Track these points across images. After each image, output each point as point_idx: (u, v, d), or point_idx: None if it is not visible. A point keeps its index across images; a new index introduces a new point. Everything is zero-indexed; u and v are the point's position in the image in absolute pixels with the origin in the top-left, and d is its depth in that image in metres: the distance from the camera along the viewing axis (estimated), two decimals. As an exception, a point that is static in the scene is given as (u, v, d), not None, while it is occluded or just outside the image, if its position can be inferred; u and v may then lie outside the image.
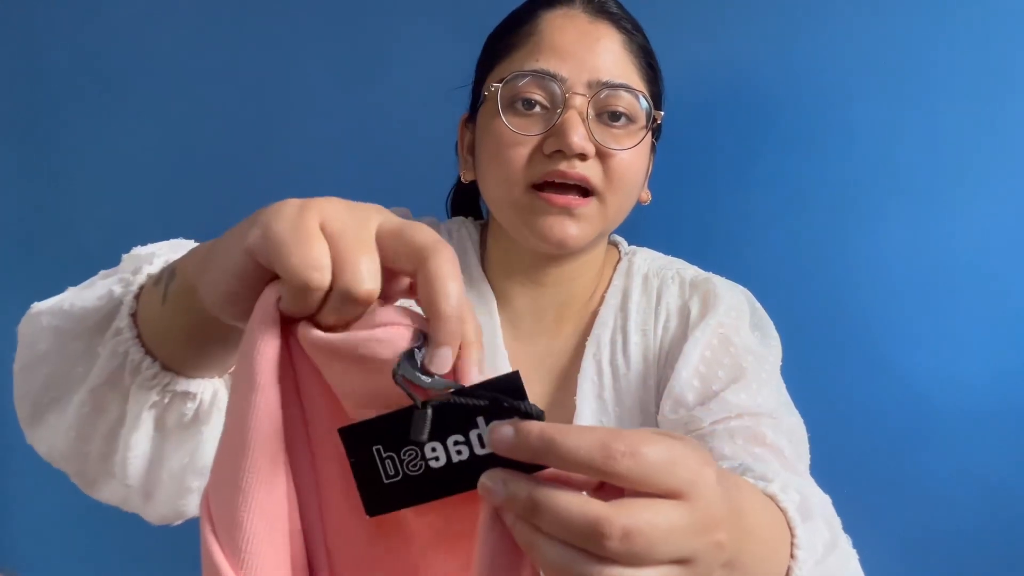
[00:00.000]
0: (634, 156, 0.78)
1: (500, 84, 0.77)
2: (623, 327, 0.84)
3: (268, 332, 0.42)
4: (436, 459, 0.41)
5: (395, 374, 0.40)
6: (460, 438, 0.40)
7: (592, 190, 0.77)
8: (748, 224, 1.09)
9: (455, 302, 0.40)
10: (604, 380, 0.83)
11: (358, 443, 0.42)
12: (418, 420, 0.40)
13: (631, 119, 0.78)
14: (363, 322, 0.42)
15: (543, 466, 0.38)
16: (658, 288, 0.86)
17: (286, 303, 0.41)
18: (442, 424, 0.40)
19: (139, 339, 0.56)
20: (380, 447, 0.41)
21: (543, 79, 0.76)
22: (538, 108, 0.76)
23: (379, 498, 0.42)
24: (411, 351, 0.40)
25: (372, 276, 0.40)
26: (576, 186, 0.76)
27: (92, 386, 0.58)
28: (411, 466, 0.41)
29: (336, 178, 1.19)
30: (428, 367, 0.40)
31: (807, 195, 1.06)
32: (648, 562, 0.37)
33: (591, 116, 0.76)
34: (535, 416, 0.39)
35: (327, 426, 0.45)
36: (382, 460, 0.42)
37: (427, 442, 0.40)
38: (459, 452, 0.40)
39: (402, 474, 0.41)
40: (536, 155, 0.76)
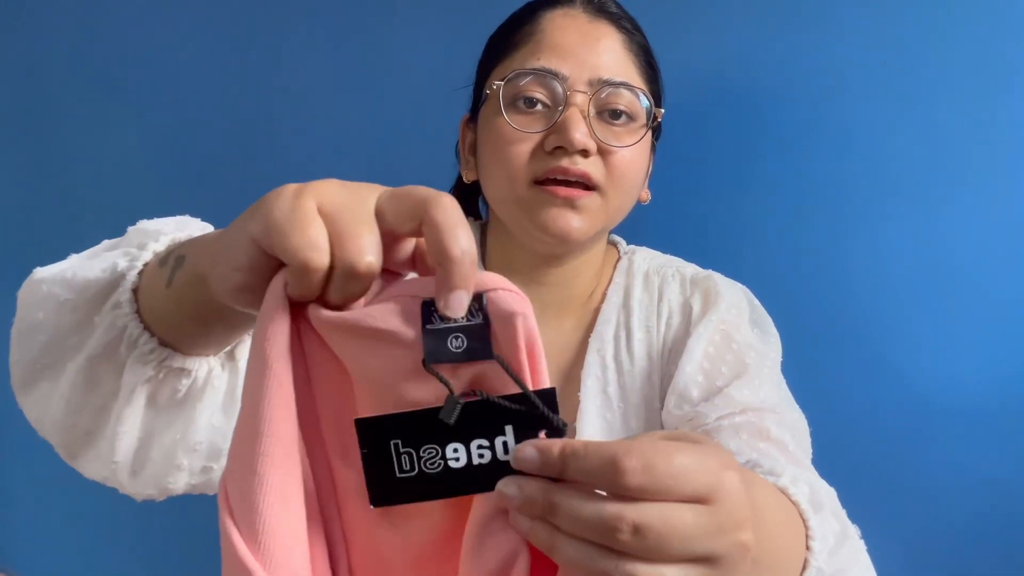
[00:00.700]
0: (635, 153, 0.79)
1: (502, 83, 0.78)
2: (626, 324, 0.85)
3: (278, 318, 0.42)
4: (456, 460, 0.41)
5: (425, 363, 0.41)
6: (485, 442, 0.41)
7: (594, 186, 0.78)
8: (747, 224, 1.09)
9: (465, 244, 0.40)
10: (608, 376, 0.83)
11: (375, 435, 0.42)
12: (449, 405, 0.41)
13: (632, 117, 0.79)
14: (371, 297, 0.42)
15: None
16: (659, 286, 0.87)
17: (291, 287, 0.42)
18: (468, 427, 0.41)
19: (138, 314, 0.56)
20: (399, 441, 0.42)
21: (544, 77, 0.77)
22: (540, 106, 0.77)
23: (388, 490, 0.43)
24: (433, 331, 0.41)
25: (371, 250, 0.41)
26: (578, 182, 0.77)
27: (87, 357, 0.57)
28: (429, 464, 0.42)
29: (336, 178, 1.19)
30: (444, 312, 0.40)
31: (806, 195, 1.06)
32: (664, 558, 0.37)
33: (592, 114, 0.77)
34: (561, 431, 0.40)
35: (340, 413, 0.45)
36: (399, 454, 0.42)
37: (451, 435, 0.41)
38: (481, 456, 0.41)
39: (418, 470, 0.42)
40: (538, 152, 0.77)
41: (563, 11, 0.80)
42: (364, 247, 0.40)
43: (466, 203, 0.97)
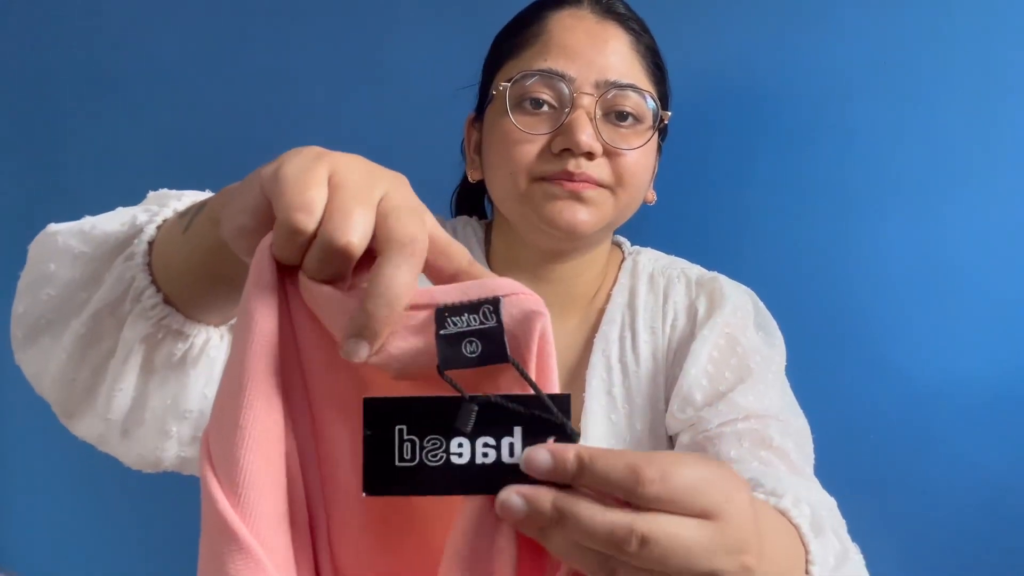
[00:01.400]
0: (641, 155, 0.79)
1: (508, 83, 0.77)
2: (632, 325, 0.84)
3: (265, 273, 0.42)
4: (460, 455, 0.40)
5: (440, 370, 0.40)
6: (491, 441, 0.40)
7: (602, 186, 0.78)
8: (748, 224, 1.09)
9: (383, 298, 0.39)
10: (613, 377, 0.83)
11: (380, 417, 0.41)
12: (465, 412, 0.40)
13: (638, 119, 0.78)
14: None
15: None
16: (664, 287, 0.87)
17: (275, 244, 0.41)
18: (477, 424, 0.40)
19: (149, 267, 0.56)
20: (404, 427, 0.41)
21: (551, 79, 0.76)
22: (546, 107, 0.77)
23: (384, 479, 0.41)
24: (446, 336, 0.40)
25: (359, 232, 0.40)
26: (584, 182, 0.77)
27: (93, 311, 0.57)
28: (431, 455, 0.41)
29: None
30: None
31: (807, 195, 1.06)
32: (667, 571, 0.38)
33: (598, 116, 0.76)
34: (574, 438, 0.40)
35: (324, 378, 0.45)
36: (402, 441, 0.41)
37: (469, 436, 0.40)
38: (485, 455, 0.40)
39: (419, 461, 0.41)
40: (544, 154, 0.77)
41: (570, 11, 0.80)
42: (352, 226, 0.40)
43: (471, 202, 0.97)
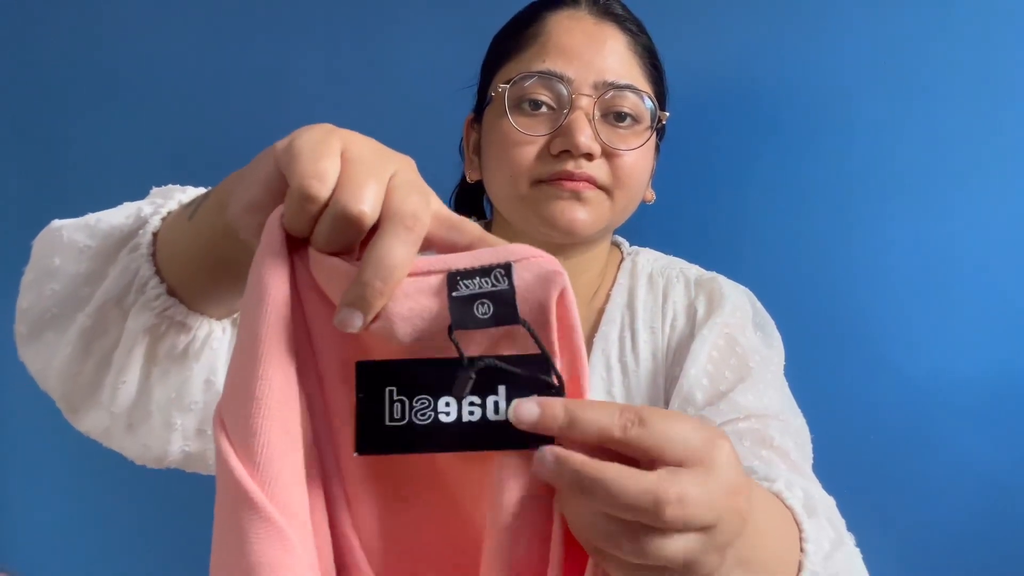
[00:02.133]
0: (639, 156, 0.79)
1: (507, 85, 0.78)
2: (631, 325, 0.85)
3: (275, 244, 0.43)
4: (447, 414, 0.41)
5: (450, 330, 0.41)
6: (476, 400, 0.41)
7: (599, 188, 0.78)
8: (748, 224, 1.09)
9: (379, 269, 0.40)
10: (613, 376, 0.83)
11: (371, 380, 0.42)
12: (462, 377, 0.41)
13: (636, 119, 0.79)
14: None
15: (549, 439, 0.40)
16: (664, 287, 0.87)
17: (286, 214, 0.42)
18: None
19: (153, 258, 0.57)
20: (394, 389, 0.42)
21: (550, 80, 0.76)
22: (544, 108, 0.77)
23: (375, 438, 0.42)
24: (459, 299, 0.41)
25: (371, 201, 0.41)
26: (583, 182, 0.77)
27: (98, 303, 0.57)
28: (420, 415, 0.42)
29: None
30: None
31: (807, 194, 1.06)
32: (689, 528, 0.37)
33: (597, 116, 0.77)
34: (559, 392, 0.40)
35: (332, 350, 0.45)
36: (391, 402, 0.42)
37: (445, 389, 0.41)
38: (471, 413, 0.41)
39: (408, 420, 0.42)
40: (543, 155, 0.77)
41: (568, 13, 0.80)
42: (364, 196, 0.41)
43: (470, 202, 0.97)
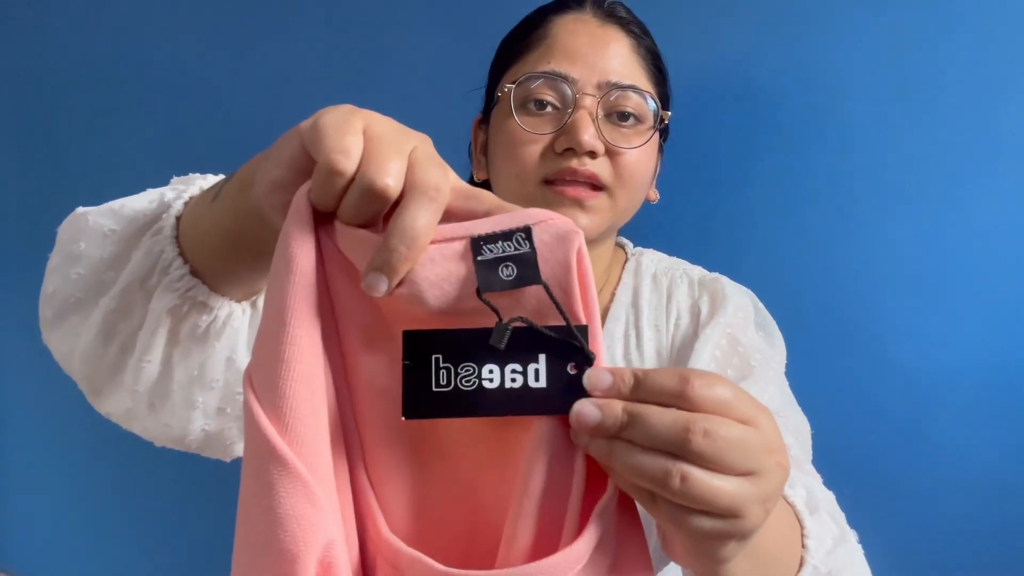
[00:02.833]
0: (642, 154, 0.80)
1: (513, 85, 0.79)
2: (636, 323, 0.86)
3: (302, 215, 0.45)
4: (491, 380, 0.44)
5: (479, 292, 0.44)
6: (519, 367, 0.44)
7: (602, 186, 0.79)
8: (750, 223, 1.09)
9: (404, 235, 0.42)
10: None
11: (419, 348, 0.45)
12: (499, 331, 0.43)
13: (639, 119, 0.80)
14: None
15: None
16: (668, 286, 0.89)
17: (313, 189, 0.44)
18: (505, 351, 0.44)
19: (176, 240, 0.59)
20: (440, 356, 0.45)
21: (555, 80, 0.78)
22: (550, 108, 0.79)
23: (422, 403, 0.45)
24: (484, 263, 0.44)
25: (395, 175, 0.43)
26: (587, 182, 0.79)
27: (123, 285, 0.59)
28: (465, 381, 0.44)
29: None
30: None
31: (808, 194, 1.07)
32: (723, 468, 0.40)
33: (601, 116, 0.78)
34: (591, 361, 0.43)
35: (355, 319, 0.48)
36: (438, 369, 0.45)
37: (489, 356, 0.44)
38: (513, 380, 0.44)
39: (453, 386, 0.44)
40: (548, 153, 0.79)
41: (574, 16, 0.82)
42: (389, 170, 0.43)
43: None
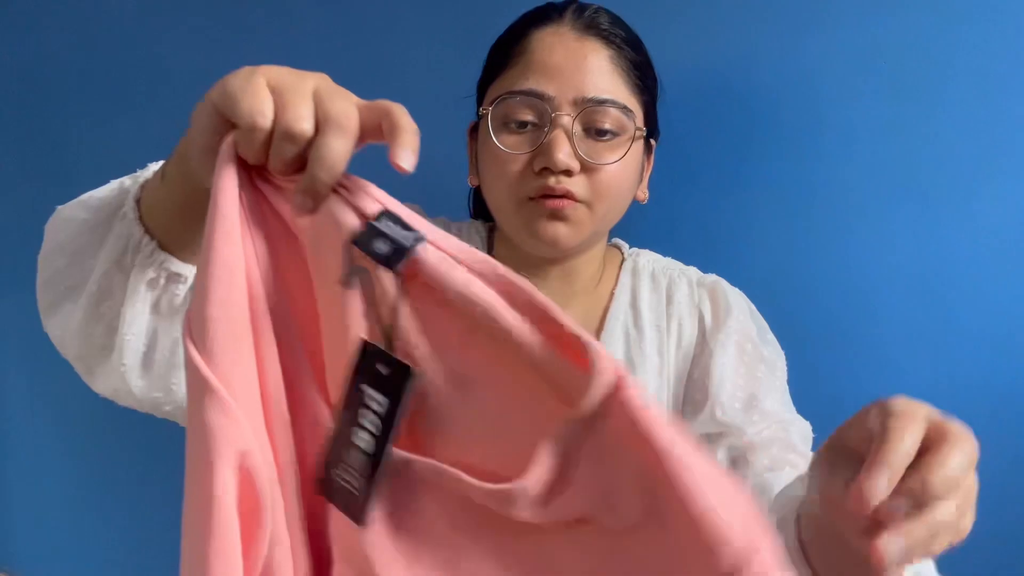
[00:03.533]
0: (620, 167, 0.81)
1: (491, 108, 0.81)
2: (636, 322, 0.87)
3: (225, 171, 0.49)
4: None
5: (353, 240, 0.46)
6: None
7: (579, 201, 0.81)
8: (748, 224, 1.09)
9: (323, 163, 0.47)
10: None
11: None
12: (354, 271, 0.47)
13: (617, 133, 0.81)
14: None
15: None
16: (667, 287, 0.90)
17: (241, 146, 0.49)
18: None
19: (141, 221, 0.64)
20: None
21: (531, 99, 0.79)
22: (529, 126, 0.80)
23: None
24: (374, 228, 0.47)
25: (307, 117, 0.48)
26: (565, 196, 0.80)
27: (102, 270, 0.65)
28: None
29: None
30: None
31: (807, 195, 1.06)
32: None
33: (578, 132, 0.79)
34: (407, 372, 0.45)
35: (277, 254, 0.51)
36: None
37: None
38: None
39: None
40: (527, 171, 0.80)
41: (552, 29, 0.82)
42: (301, 114, 0.48)
43: (481, 205, 0.98)
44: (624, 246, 0.96)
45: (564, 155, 0.77)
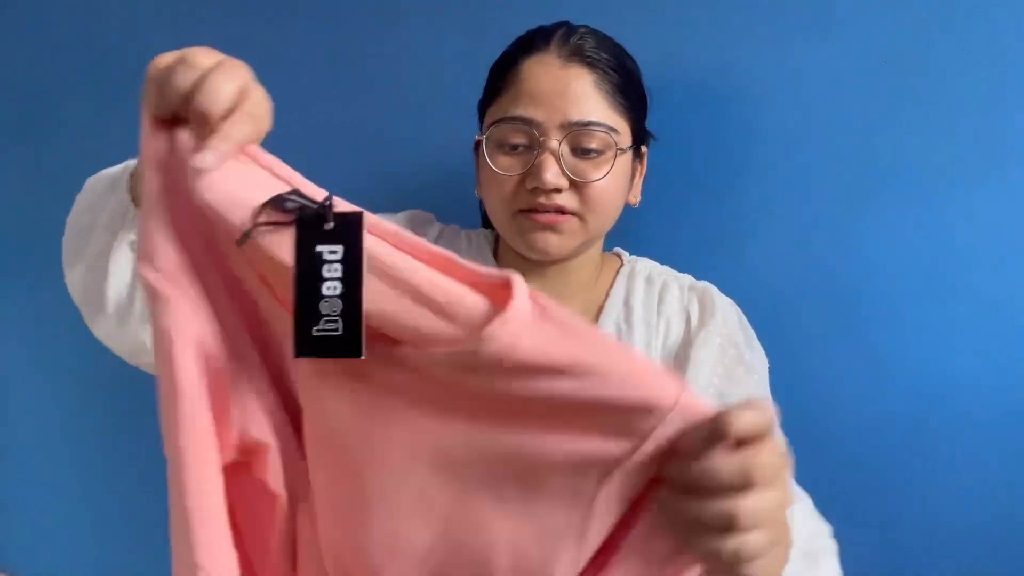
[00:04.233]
0: (608, 180, 0.86)
1: (485, 136, 0.88)
2: (628, 318, 0.93)
3: (145, 123, 0.54)
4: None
5: (267, 202, 0.49)
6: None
7: (571, 214, 0.86)
8: (746, 224, 1.09)
9: (208, 99, 0.52)
10: None
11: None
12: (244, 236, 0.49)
13: (602, 151, 0.86)
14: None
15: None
16: (660, 288, 0.95)
17: (154, 106, 0.54)
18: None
19: (131, 192, 0.73)
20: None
21: (521, 125, 0.85)
22: (521, 148, 0.87)
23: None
24: (284, 193, 0.49)
25: (211, 57, 0.55)
26: (556, 210, 0.86)
27: (100, 233, 0.75)
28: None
29: (354, 181, 1.18)
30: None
31: (806, 195, 1.06)
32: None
33: (566, 152, 0.85)
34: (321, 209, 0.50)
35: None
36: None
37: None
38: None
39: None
40: (520, 189, 0.87)
41: (537, 58, 0.87)
42: (206, 57, 0.54)
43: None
44: (624, 254, 1.00)
45: (552, 175, 0.84)
